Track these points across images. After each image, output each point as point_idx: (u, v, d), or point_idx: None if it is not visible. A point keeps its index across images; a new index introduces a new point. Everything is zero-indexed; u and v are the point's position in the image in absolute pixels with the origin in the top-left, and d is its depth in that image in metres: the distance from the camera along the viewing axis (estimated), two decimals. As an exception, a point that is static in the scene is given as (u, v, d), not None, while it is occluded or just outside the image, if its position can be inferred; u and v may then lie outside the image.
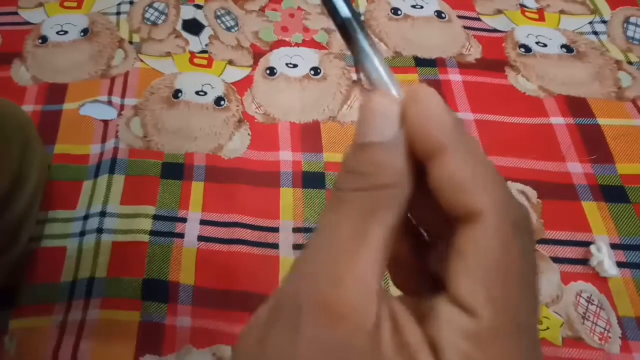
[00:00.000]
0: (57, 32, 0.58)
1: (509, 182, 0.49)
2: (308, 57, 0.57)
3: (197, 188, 0.48)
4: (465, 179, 0.13)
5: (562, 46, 0.59)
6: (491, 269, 0.13)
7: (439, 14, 0.62)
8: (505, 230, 0.13)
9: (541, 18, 0.63)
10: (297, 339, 0.13)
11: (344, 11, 0.16)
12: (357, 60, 0.16)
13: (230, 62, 0.57)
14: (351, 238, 0.14)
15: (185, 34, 0.59)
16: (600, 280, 0.43)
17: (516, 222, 0.13)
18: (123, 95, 0.54)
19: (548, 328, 0.41)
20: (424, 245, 0.17)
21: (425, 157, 0.14)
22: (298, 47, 0.59)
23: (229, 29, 0.60)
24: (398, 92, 0.15)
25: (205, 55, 0.57)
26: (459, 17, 0.62)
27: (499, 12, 0.63)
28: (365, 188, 0.14)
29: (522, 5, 0.64)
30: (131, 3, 0.62)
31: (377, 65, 0.16)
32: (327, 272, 0.14)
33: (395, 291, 0.17)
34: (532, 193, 0.48)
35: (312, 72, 0.56)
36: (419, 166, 0.14)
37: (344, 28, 0.16)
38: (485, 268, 0.13)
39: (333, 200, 0.15)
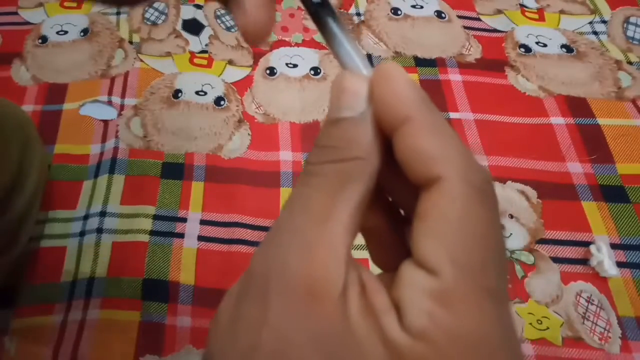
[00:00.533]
0: (57, 32, 0.58)
1: (509, 182, 0.49)
2: (308, 57, 0.57)
3: (197, 188, 0.48)
4: (427, 146, 0.14)
5: (562, 46, 0.59)
6: (452, 230, 0.13)
7: (439, 14, 0.62)
8: (466, 193, 0.13)
9: (541, 18, 0.63)
10: (267, 310, 0.13)
11: None
12: (330, 44, 0.17)
13: (230, 62, 0.57)
14: (320, 209, 0.14)
15: (185, 34, 0.60)
16: (600, 280, 0.43)
17: (477, 185, 0.14)
18: (123, 95, 0.54)
19: (548, 328, 0.41)
20: (400, 222, 0.17)
21: (392, 130, 0.14)
22: (298, 47, 0.59)
23: (229, 28, 0.60)
24: (368, 71, 0.16)
25: (205, 55, 0.57)
26: (459, 17, 0.62)
27: (499, 12, 0.63)
28: (335, 160, 0.14)
29: (522, 5, 0.64)
30: (131, 3, 0.62)
31: (348, 48, 0.16)
32: (296, 242, 0.14)
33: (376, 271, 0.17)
34: (532, 193, 0.48)
35: (312, 72, 0.56)
36: (389, 143, 0.15)
37: (316, 14, 0.17)
38: (447, 229, 0.13)
39: (303, 174, 0.15)
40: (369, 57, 0.58)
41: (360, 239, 0.17)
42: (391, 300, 0.13)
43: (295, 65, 0.57)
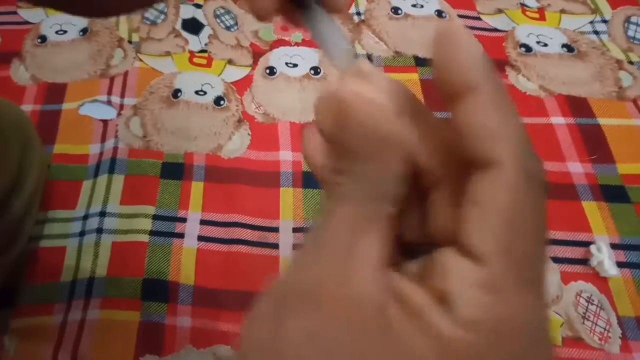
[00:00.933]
0: (57, 32, 0.58)
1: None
2: (308, 57, 0.57)
3: (196, 188, 0.48)
4: (491, 125, 0.13)
5: (563, 46, 0.59)
6: (505, 219, 0.13)
7: (440, 13, 0.62)
8: (523, 183, 0.13)
9: (542, 17, 0.62)
10: (309, 324, 0.13)
11: None
12: (312, 27, 0.17)
13: (230, 62, 0.57)
14: (353, 231, 0.14)
15: (184, 34, 0.59)
16: (600, 280, 0.43)
17: (534, 175, 0.13)
18: (122, 95, 0.53)
19: (548, 328, 0.41)
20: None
21: (452, 97, 0.14)
22: (298, 46, 0.58)
23: (228, 28, 0.60)
24: (347, 47, 0.16)
25: (205, 54, 0.57)
26: (460, 16, 0.62)
27: (500, 11, 0.63)
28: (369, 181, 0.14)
29: (522, 5, 0.64)
30: (131, 2, 0.62)
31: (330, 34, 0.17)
32: (333, 266, 0.14)
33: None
34: (532, 193, 0.48)
35: (312, 71, 0.56)
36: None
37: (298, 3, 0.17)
38: (499, 218, 0.13)
39: (333, 195, 0.15)
40: (369, 56, 0.58)
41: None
42: (431, 294, 0.13)
43: (295, 65, 0.57)
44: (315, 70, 0.56)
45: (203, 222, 0.46)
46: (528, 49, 0.59)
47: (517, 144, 0.13)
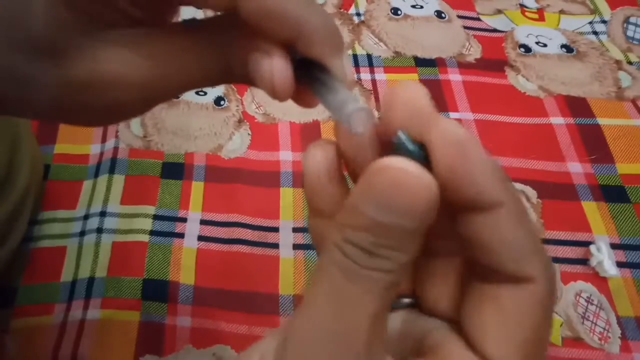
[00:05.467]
0: (57, 32, 0.58)
1: (509, 182, 0.49)
2: (308, 57, 0.57)
3: (197, 188, 0.48)
4: (523, 243, 0.13)
5: (562, 46, 0.59)
6: (531, 335, 0.13)
7: (439, 14, 0.62)
8: (548, 299, 0.13)
9: (541, 18, 0.63)
10: None
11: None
12: (322, 98, 0.16)
13: (230, 62, 0.57)
14: (374, 329, 0.13)
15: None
16: (600, 280, 0.43)
17: (553, 289, 0.13)
18: (123, 95, 0.53)
19: (548, 328, 0.41)
20: None
21: (466, 209, 0.13)
22: (298, 47, 0.58)
23: (229, 28, 0.60)
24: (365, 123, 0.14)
25: (205, 55, 0.57)
26: (459, 17, 0.62)
27: (499, 12, 0.63)
28: (384, 270, 0.13)
29: (522, 5, 0.64)
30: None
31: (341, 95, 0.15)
32: (330, 336, 0.13)
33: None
34: (532, 193, 0.48)
35: (312, 72, 0.56)
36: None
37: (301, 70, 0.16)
38: (526, 334, 0.13)
39: (349, 269, 0.13)
40: (369, 57, 0.58)
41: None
42: None
43: (295, 65, 0.57)
44: (315, 70, 0.56)
45: (203, 222, 0.46)
46: (527, 49, 0.59)
47: (544, 259, 0.13)
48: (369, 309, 0.12)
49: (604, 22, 0.62)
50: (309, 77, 0.16)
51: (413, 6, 0.63)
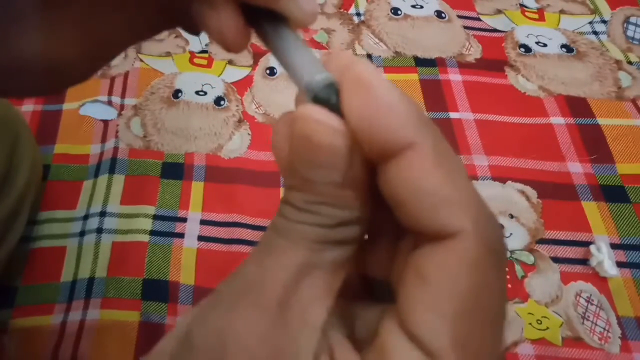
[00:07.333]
0: (57, 32, 0.58)
1: (509, 182, 0.49)
2: (308, 57, 0.57)
3: (197, 188, 0.48)
4: (439, 188, 0.11)
5: (562, 46, 0.59)
6: (463, 305, 0.10)
7: (439, 14, 0.62)
8: (483, 258, 0.11)
9: (541, 18, 0.63)
10: None
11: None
12: (276, 51, 0.14)
13: (230, 62, 0.57)
14: (297, 280, 0.12)
15: (185, 34, 0.59)
16: (600, 281, 0.43)
17: (493, 245, 0.11)
18: (123, 95, 0.54)
19: (548, 328, 0.41)
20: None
21: (381, 158, 0.11)
22: (298, 47, 0.58)
23: (228, 28, 0.60)
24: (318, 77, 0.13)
25: (205, 55, 0.57)
26: (459, 17, 0.62)
27: (499, 12, 0.63)
28: (316, 224, 0.12)
29: (522, 5, 0.64)
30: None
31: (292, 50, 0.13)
32: (259, 311, 0.12)
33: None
34: (532, 193, 0.48)
35: (312, 72, 0.56)
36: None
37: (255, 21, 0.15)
38: (456, 303, 0.10)
39: (274, 230, 0.13)
40: (369, 57, 0.58)
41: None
42: None
43: (295, 65, 0.57)
44: (315, 70, 0.56)
45: (203, 222, 0.46)
46: (527, 49, 0.59)
47: (473, 209, 0.11)
48: (293, 259, 0.12)
49: (604, 22, 0.62)
50: (261, 27, 0.14)
51: (413, 6, 0.63)
